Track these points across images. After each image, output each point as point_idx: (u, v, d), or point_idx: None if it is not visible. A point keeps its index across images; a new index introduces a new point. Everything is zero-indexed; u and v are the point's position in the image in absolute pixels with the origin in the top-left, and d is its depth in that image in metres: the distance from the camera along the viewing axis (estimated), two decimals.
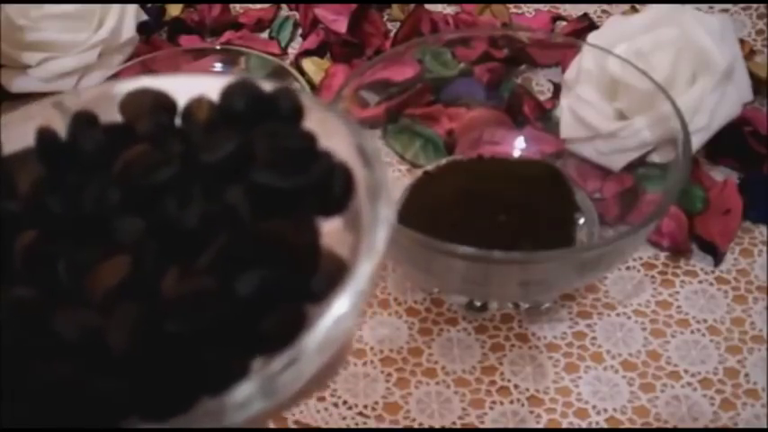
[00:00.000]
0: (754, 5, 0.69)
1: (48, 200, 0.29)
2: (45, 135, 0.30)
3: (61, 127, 0.31)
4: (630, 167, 0.55)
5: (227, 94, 0.31)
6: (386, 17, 0.70)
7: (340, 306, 0.26)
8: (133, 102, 0.31)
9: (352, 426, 0.50)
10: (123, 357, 0.26)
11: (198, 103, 0.31)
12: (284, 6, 0.73)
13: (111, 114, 0.31)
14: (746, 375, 0.50)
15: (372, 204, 0.29)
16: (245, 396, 0.25)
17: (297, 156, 0.29)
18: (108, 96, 0.33)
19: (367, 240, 0.28)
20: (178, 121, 0.31)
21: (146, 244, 0.27)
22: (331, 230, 0.30)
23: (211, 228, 0.27)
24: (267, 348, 0.27)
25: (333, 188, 0.30)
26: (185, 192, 0.28)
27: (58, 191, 0.29)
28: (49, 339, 0.26)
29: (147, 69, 0.64)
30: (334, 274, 0.28)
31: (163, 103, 0.31)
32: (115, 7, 0.65)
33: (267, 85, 0.31)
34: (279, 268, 0.27)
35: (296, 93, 0.31)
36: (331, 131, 0.31)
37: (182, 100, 0.31)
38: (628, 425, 0.49)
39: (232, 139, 0.29)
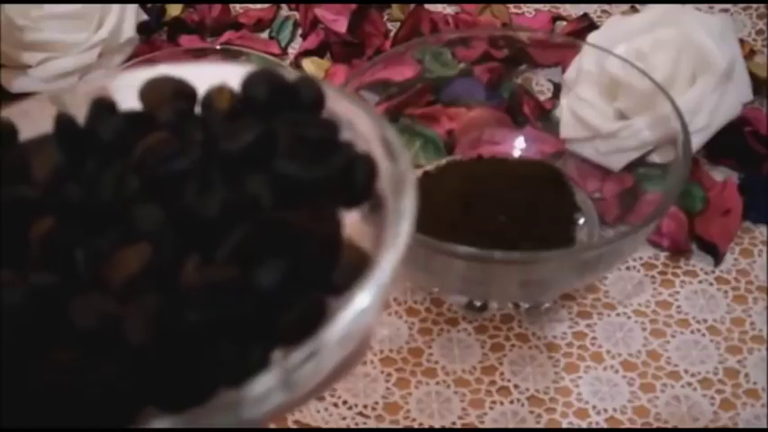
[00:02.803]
0: (754, 5, 0.69)
1: (66, 187, 0.28)
2: (63, 121, 0.30)
3: None
4: (630, 167, 0.55)
5: (249, 82, 0.31)
6: (386, 17, 0.70)
7: (362, 299, 0.26)
8: (153, 89, 0.31)
9: (352, 426, 0.50)
10: (141, 346, 0.25)
11: (219, 91, 0.30)
12: (284, 6, 0.72)
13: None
14: (746, 375, 0.50)
15: (396, 197, 0.28)
16: (264, 388, 0.25)
17: (318, 146, 0.29)
18: (105, 91, 0.33)
19: (390, 233, 0.28)
20: (198, 110, 0.31)
21: (165, 232, 0.27)
22: (354, 223, 0.29)
23: (232, 217, 0.27)
24: (287, 340, 0.26)
25: (355, 178, 0.29)
26: (205, 180, 0.28)
27: (77, 178, 0.28)
28: (66, 327, 0.26)
29: None
30: (356, 266, 0.28)
31: (183, 90, 0.31)
32: (115, 7, 0.65)
33: (289, 74, 0.31)
34: (300, 259, 0.27)
35: (318, 82, 0.31)
36: (356, 123, 0.31)
37: (201, 88, 0.31)
38: (628, 425, 0.49)
39: (253, 128, 0.29)
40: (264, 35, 0.71)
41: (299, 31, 0.70)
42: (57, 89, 0.34)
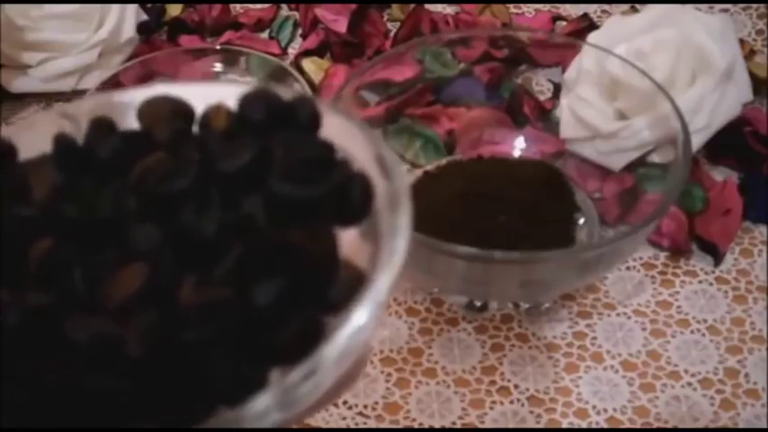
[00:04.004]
0: (754, 5, 0.69)
1: (64, 206, 0.28)
2: (62, 141, 0.30)
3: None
4: (630, 167, 0.55)
5: (246, 102, 0.31)
6: (386, 17, 0.70)
7: (359, 317, 0.26)
8: (151, 109, 0.31)
9: (352, 426, 0.50)
10: (138, 366, 0.25)
11: (216, 110, 0.31)
12: (284, 6, 0.73)
13: (118, 122, 0.31)
14: (746, 375, 0.50)
15: (392, 215, 0.29)
16: (262, 408, 0.25)
17: (315, 165, 0.29)
18: (113, 104, 0.33)
19: (386, 251, 0.28)
20: (195, 129, 0.31)
21: (162, 252, 0.27)
22: (350, 241, 0.29)
23: (229, 237, 0.27)
24: (284, 359, 0.26)
25: (351, 197, 0.29)
26: (202, 200, 0.28)
27: (75, 197, 0.29)
28: (63, 347, 0.26)
29: (147, 69, 0.64)
30: (352, 284, 0.28)
31: (181, 110, 0.31)
32: (115, 7, 0.65)
33: (286, 94, 0.31)
34: (297, 278, 0.27)
35: (314, 101, 0.31)
36: (350, 141, 0.31)
37: (199, 107, 0.31)
38: (628, 425, 0.49)
39: (250, 147, 0.29)
40: (264, 35, 0.71)
41: (299, 31, 0.70)
42: (64, 104, 0.34)
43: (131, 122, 0.31)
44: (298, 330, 0.27)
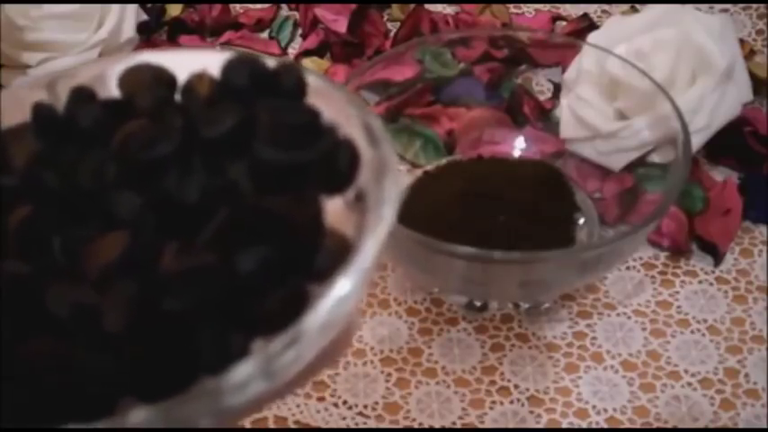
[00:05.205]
0: (754, 5, 0.69)
1: (44, 175, 0.28)
2: (41, 110, 0.30)
3: None
4: (630, 167, 0.55)
5: (229, 69, 0.30)
6: (386, 17, 0.70)
7: (343, 286, 0.26)
8: (132, 77, 0.31)
9: (352, 426, 0.50)
10: (119, 335, 0.25)
11: (199, 78, 0.30)
12: (284, 6, 0.72)
13: (106, 94, 0.31)
14: (746, 375, 0.50)
15: (378, 183, 0.28)
16: (244, 376, 0.24)
17: (300, 131, 0.29)
18: (103, 77, 0.32)
19: (372, 218, 0.27)
20: (178, 97, 0.31)
21: (144, 219, 0.27)
22: (336, 210, 0.29)
23: (212, 203, 0.27)
24: (268, 328, 0.26)
25: (337, 164, 0.29)
26: (185, 167, 0.28)
27: (55, 166, 0.28)
28: (43, 316, 0.25)
29: None
30: (337, 252, 0.27)
31: (162, 78, 0.31)
32: (115, 7, 0.65)
33: (270, 61, 0.31)
34: (281, 246, 0.27)
35: (300, 69, 0.31)
36: (337, 109, 0.30)
37: (182, 76, 0.31)
38: (628, 425, 0.49)
39: (233, 113, 0.28)
40: (264, 35, 0.71)
41: (299, 31, 0.70)
42: (54, 74, 0.34)
43: (115, 94, 0.31)
44: (282, 299, 0.26)
